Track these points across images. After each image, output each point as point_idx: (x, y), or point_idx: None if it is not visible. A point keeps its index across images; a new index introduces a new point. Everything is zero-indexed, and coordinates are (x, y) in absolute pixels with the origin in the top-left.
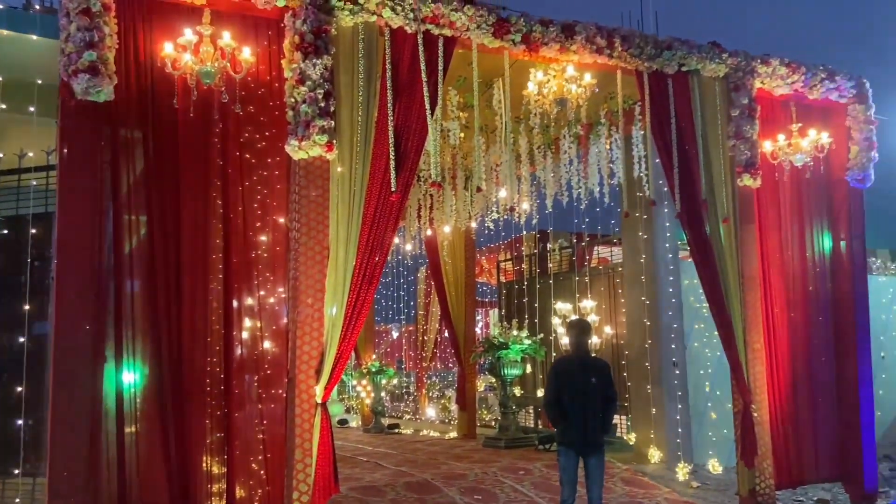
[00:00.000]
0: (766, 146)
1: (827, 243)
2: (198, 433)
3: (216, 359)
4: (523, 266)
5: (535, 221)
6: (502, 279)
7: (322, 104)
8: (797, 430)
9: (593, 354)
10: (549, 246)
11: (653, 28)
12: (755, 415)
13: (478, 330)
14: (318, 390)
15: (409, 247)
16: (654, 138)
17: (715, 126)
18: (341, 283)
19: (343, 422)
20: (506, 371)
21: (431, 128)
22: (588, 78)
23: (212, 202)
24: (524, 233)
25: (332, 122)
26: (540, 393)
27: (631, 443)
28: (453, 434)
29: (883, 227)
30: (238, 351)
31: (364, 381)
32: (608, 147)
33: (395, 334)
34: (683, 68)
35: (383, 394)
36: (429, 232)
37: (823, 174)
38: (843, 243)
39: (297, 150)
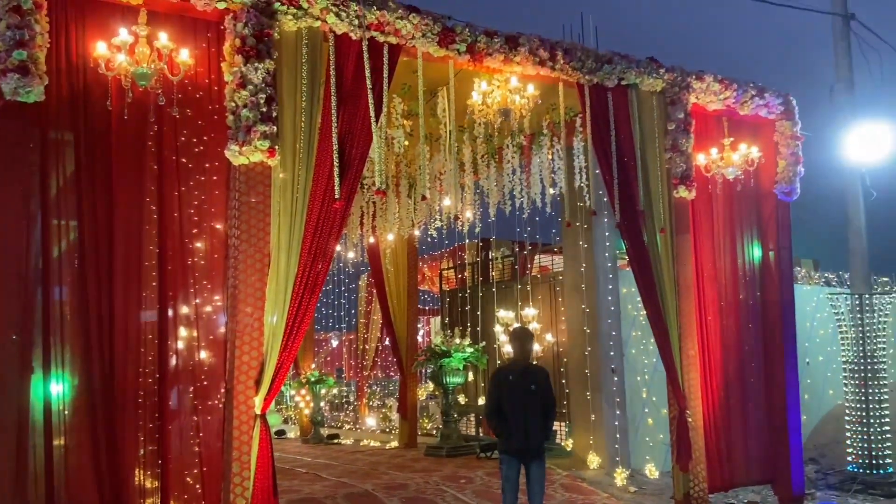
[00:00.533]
0: (700, 159)
1: (756, 253)
2: (130, 446)
3: (150, 369)
4: (466, 274)
5: (477, 230)
6: (445, 287)
7: (264, 109)
8: (729, 435)
9: (534, 362)
10: (491, 254)
11: (594, 41)
12: (690, 420)
13: (419, 338)
14: (258, 401)
15: (350, 254)
16: (595, 150)
17: (652, 139)
18: (282, 291)
19: (280, 433)
20: (448, 379)
21: (376, 135)
22: (531, 89)
23: (146, 207)
24: (466, 241)
25: (275, 128)
26: (482, 401)
27: (569, 449)
28: (394, 443)
29: (807, 238)
30: (173, 361)
31: (303, 391)
32: (550, 157)
33: (334, 343)
34: (623, 82)
35: (322, 403)
36: (371, 240)
37: (753, 187)
38: (771, 253)
39: (237, 156)
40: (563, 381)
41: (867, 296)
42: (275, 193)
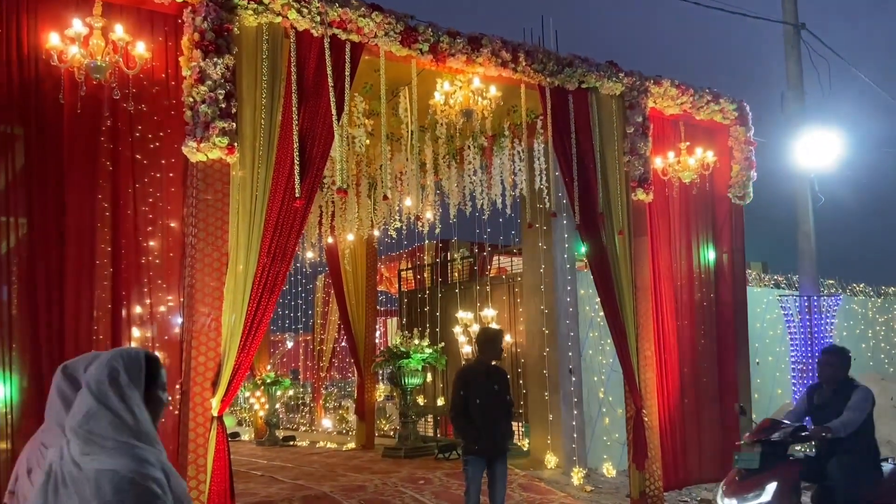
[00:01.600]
0: (658, 163)
1: (711, 255)
2: None
3: None
4: (424, 275)
5: (437, 231)
6: (403, 288)
7: (223, 105)
8: (684, 434)
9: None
10: (450, 255)
11: (554, 44)
12: (646, 419)
13: (377, 339)
14: (214, 403)
15: (309, 254)
16: (555, 151)
17: (612, 142)
18: (241, 290)
19: (234, 435)
20: (406, 380)
21: (337, 134)
22: (493, 91)
23: (99, 204)
24: (426, 242)
25: (234, 124)
26: (441, 402)
27: (526, 449)
28: (351, 444)
29: (756, 241)
30: None
31: (258, 393)
32: (511, 159)
33: (289, 344)
34: (583, 85)
35: (278, 405)
36: (330, 240)
37: (709, 191)
38: (725, 256)
39: (195, 153)
40: (521, 382)
41: (815, 297)
42: (233, 191)
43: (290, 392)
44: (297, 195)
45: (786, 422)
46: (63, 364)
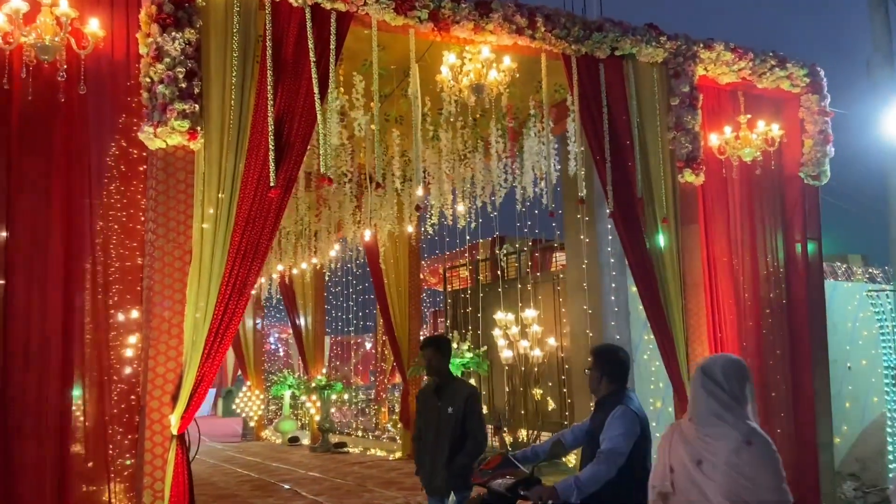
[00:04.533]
0: (712, 140)
1: (780, 245)
2: (31, 473)
3: (54, 383)
4: (473, 274)
5: (473, 226)
6: (449, 287)
7: (183, 85)
8: None
9: (458, 376)
10: (500, 252)
11: (597, 13)
12: None
13: None
14: (174, 419)
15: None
16: (584, 129)
17: (653, 117)
18: (205, 293)
19: (294, 439)
20: None
21: (320, 116)
22: (508, 62)
23: (51, 198)
24: (480, 240)
25: (196, 106)
26: (483, 410)
27: (571, 465)
28: (399, 454)
29: (855, 231)
30: (80, 373)
31: (314, 397)
32: (541, 142)
33: (368, 345)
34: (617, 52)
35: (333, 410)
36: (367, 237)
37: (775, 170)
38: (797, 245)
39: (152, 139)
40: (565, 391)
41: None
42: (198, 181)
43: (345, 396)
44: (271, 184)
45: (518, 465)
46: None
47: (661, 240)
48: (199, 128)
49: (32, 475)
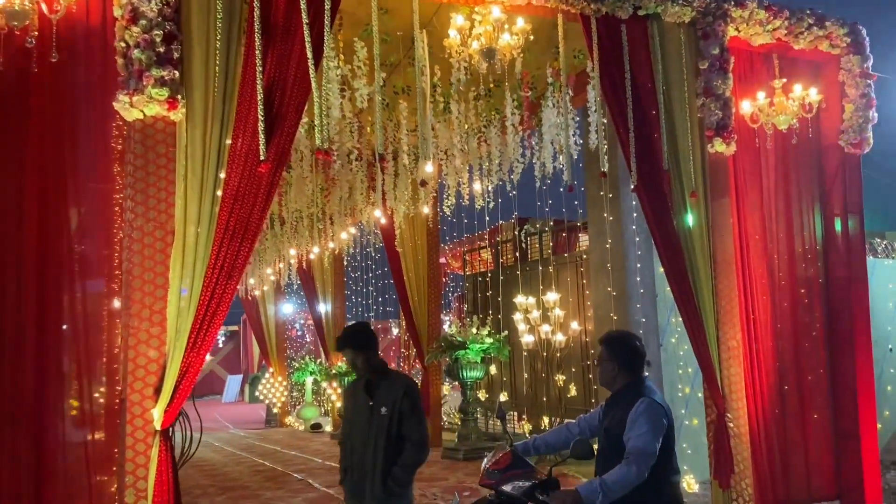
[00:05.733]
0: (744, 107)
1: (818, 220)
2: (5, 472)
3: (26, 374)
4: (494, 257)
5: (491, 206)
6: (469, 271)
7: (161, 49)
8: (783, 443)
9: (395, 368)
10: (521, 233)
11: None
12: (731, 426)
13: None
14: (157, 414)
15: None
16: (606, 97)
17: (680, 82)
18: (190, 275)
19: (316, 426)
20: (465, 373)
21: (314, 83)
22: (521, 24)
23: (23, 175)
24: (501, 222)
25: (176, 73)
26: (504, 397)
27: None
28: None
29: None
30: (55, 363)
31: (335, 384)
32: (559, 115)
33: (395, 331)
34: (640, 12)
35: None
36: (381, 220)
37: (813, 139)
38: (837, 219)
39: (128, 109)
40: (591, 377)
41: None
42: (180, 156)
43: None
44: (261, 158)
45: (531, 464)
46: None
47: (690, 216)
48: (179, 96)
49: (7, 474)
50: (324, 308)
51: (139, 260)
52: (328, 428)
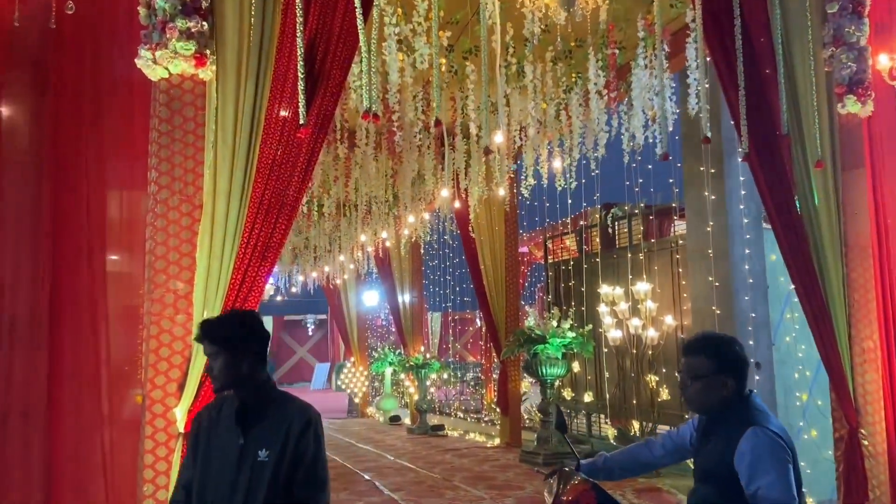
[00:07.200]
0: (882, 61)
1: None
2: (12, 470)
3: (40, 366)
4: (577, 242)
5: (573, 185)
6: (551, 259)
7: None
8: None
9: (286, 391)
10: (608, 217)
11: None
12: (865, 443)
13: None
14: (180, 415)
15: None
16: (711, 51)
17: (802, 31)
18: (219, 256)
19: (395, 418)
20: (544, 370)
21: (363, 39)
22: None
23: (40, 145)
24: (587, 206)
25: (205, 24)
26: (588, 397)
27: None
28: (497, 441)
29: None
30: (72, 355)
31: (412, 375)
32: (653, 77)
33: (478, 323)
34: None
35: (433, 389)
36: (453, 202)
37: None
38: None
39: (151, 66)
40: None
41: None
42: (209, 120)
43: (444, 375)
44: (301, 122)
45: (617, 502)
46: None
47: (815, 190)
48: (208, 51)
49: (13, 473)
50: (401, 298)
51: (163, 238)
52: (407, 420)
